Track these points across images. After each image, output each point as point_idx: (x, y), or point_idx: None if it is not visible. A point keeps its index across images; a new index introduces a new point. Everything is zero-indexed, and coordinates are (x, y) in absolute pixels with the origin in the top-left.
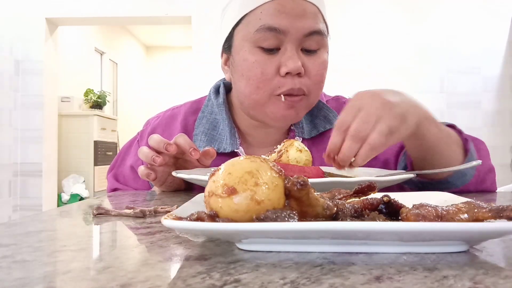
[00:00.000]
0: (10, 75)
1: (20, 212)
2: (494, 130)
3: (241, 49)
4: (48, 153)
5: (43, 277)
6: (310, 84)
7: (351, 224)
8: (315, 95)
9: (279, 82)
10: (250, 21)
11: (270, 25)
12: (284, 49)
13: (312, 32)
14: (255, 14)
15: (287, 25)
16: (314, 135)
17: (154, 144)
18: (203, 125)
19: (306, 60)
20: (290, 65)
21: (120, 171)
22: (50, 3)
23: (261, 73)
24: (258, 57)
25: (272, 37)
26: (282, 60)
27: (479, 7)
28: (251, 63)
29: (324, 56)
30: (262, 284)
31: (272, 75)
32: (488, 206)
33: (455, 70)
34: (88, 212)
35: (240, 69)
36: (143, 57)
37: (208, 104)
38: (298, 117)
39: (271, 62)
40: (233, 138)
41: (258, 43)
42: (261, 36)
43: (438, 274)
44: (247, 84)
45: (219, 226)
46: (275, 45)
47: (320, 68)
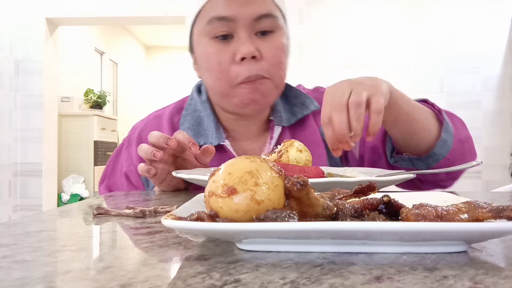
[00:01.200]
0: (10, 75)
1: (20, 212)
2: (494, 130)
3: (199, 44)
4: (48, 153)
5: (43, 277)
6: (268, 67)
7: (351, 224)
8: (278, 77)
9: (236, 71)
10: (203, 16)
11: (219, 15)
12: (237, 36)
13: (260, 15)
14: (206, 9)
15: (235, 12)
16: (293, 122)
17: (154, 140)
18: (188, 122)
19: (260, 44)
20: (243, 50)
21: (112, 182)
22: (50, 3)
23: (218, 63)
24: (214, 48)
25: (223, 26)
26: (236, 47)
27: (479, 7)
28: (208, 55)
29: (279, 38)
30: (262, 284)
31: (229, 64)
32: (488, 206)
33: (455, 70)
34: (88, 212)
35: (202, 64)
36: (143, 57)
37: (191, 102)
38: (267, 100)
39: (227, 50)
40: (219, 133)
41: (212, 34)
42: (213, 27)
43: (438, 274)
44: (210, 77)
45: (219, 226)
46: (227, 33)
47: (276, 50)
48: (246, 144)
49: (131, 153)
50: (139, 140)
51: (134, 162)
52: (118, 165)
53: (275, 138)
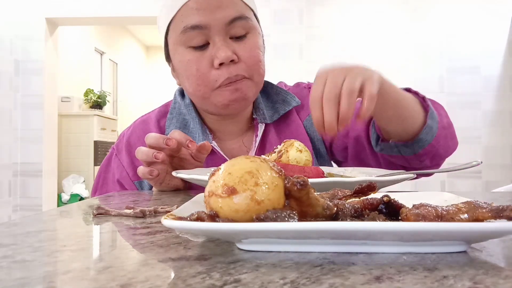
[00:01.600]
0: (10, 75)
1: (20, 212)
2: (494, 130)
3: (175, 53)
4: (48, 153)
5: (43, 277)
6: (247, 68)
7: (351, 224)
8: (258, 75)
9: (216, 75)
10: (175, 26)
11: (192, 24)
12: (213, 42)
13: (233, 19)
14: (177, 18)
15: (208, 19)
16: (276, 119)
17: (153, 141)
18: (174, 124)
19: (236, 47)
20: (221, 55)
21: (105, 191)
22: (50, 3)
23: (197, 70)
24: (191, 56)
25: (197, 35)
26: (213, 53)
27: (479, 7)
28: (186, 63)
29: (255, 38)
30: (262, 284)
31: (207, 70)
32: (488, 206)
33: (455, 70)
34: (88, 212)
35: (180, 72)
36: (143, 57)
37: (175, 106)
38: (248, 98)
39: (204, 57)
40: (205, 134)
41: (187, 43)
42: (187, 36)
43: (438, 274)
44: (189, 83)
45: (219, 226)
46: (203, 41)
47: (253, 49)
48: (232, 143)
49: (121, 160)
50: (128, 146)
51: (126, 168)
52: (109, 174)
53: (259, 135)
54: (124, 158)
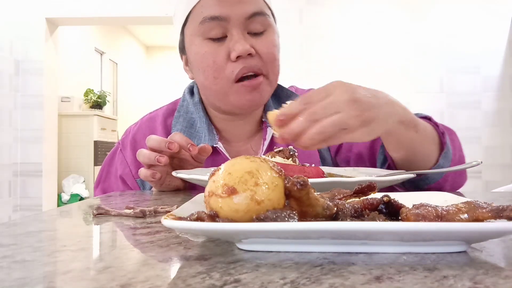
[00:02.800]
0: (10, 75)
1: (20, 212)
2: (494, 130)
3: (191, 45)
4: (48, 153)
5: (43, 277)
6: (263, 64)
7: (351, 224)
8: (273, 74)
9: (232, 67)
10: (194, 16)
11: (212, 15)
12: (231, 35)
13: (253, 14)
14: (197, 9)
15: (228, 12)
16: None
17: (155, 145)
18: (180, 124)
19: (254, 42)
20: (238, 48)
21: (107, 185)
22: (50, 3)
23: (213, 62)
24: (208, 48)
25: (216, 26)
26: (230, 46)
27: (479, 7)
28: (203, 55)
29: (272, 36)
30: (262, 284)
31: (224, 62)
32: (488, 206)
33: (455, 70)
34: (88, 212)
35: (195, 64)
36: (143, 57)
37: (183, 104)
38: (263, 98)
39: (221, 49)
40: (211, 134)
41: (205, 35)
42: (206, 27)
43: (438, 274)
44: (205, 76)
45: (219, 226)
46: (221, 33)
47: (270, 47)
48: (239, 145)
49: (125, 156)
50: (133, 143)
51: (129, 165)
52: (112, 168)
53: (267, 139)
54: (128, 154)
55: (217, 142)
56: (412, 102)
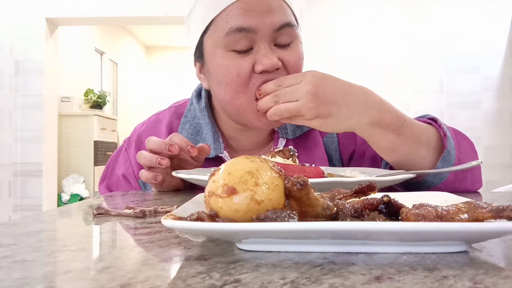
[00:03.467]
0: (10, 75)
1: (20, 212)
2: (494, 130)
3: (213, 56)
4: (48, 153)
5: (43, 277)
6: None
7: (351, 224)
8: None
9: (255, 79)
10: (218, 25)
11: (239, 26)
12: (257, 47)
13: (282, 25)
14: (222, 18)
15: (256, 23)
16: (298, 135)
17: (155, 147)
18: (186, 131)
19: (281, 54)
20: (265, 62)
21: (111, 181)
22: (50, 3)
23: (237, 75)
24: (232, 61)
25: (243, 38)
26: (257, 58)
27: (479, 7)
28: (226, 68)
29: (299, 47)
30: (262, 284)
31: (248, 75)
32: (488, 206)
33: (455, 70)
34: (88, 212)
35: (216, 76)
36: (143, 57)
37: (190, 108)
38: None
39: (245, 62)
40: (217, 143)
41: (230, 47)
42: (232, 39)
43: (438, 274)
44: (226, 91)
45: (219, 226)
46: (248, 46)
47: (297, 59)
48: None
49: (129, 155)
50: (139, 143)
51: (132, 165)
52: (117, 165)
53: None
54: (132, 153)
55: (223, 151)
56: (412, 102)
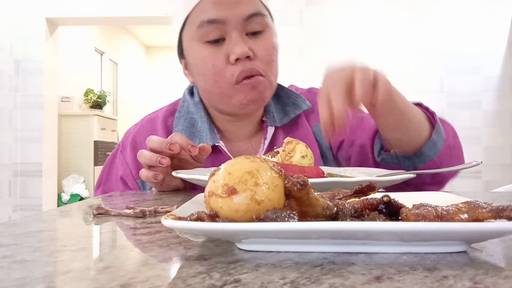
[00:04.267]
0: (10, 75)
1: (20, 212)
2: (494, 130)
3: (191, 49)
4: (48, 153)
5: (43, 277)
6: (262, 66)
7: (351, 224)
8: (272, 75)
9: (232, 70)
10: (192, 21)
11: (210, 18)
12: (229, 37)
13: (250, 15)
14: (195, 13)
15: (225, 14)
16: (286, 122)
17: (156, 146)
18: (182, 123)
19: (252, 44)
20: (237, 51)
21: (108, 186)
22: (50, 3)
23: (213, 65)
24: (207, 52)
25: (214, 29)
26: (229, 48)
27: (479, 7)
28: (202, 59)
29: (270, 37)
30: (262, 284)
31: (224, 65)
32: (488, 206)
33: (455, 70)
34: (88, 212)
35: (195, 68)
36: (143, 57)
37: (183, 105)
38: (264, 98)
39: (220, 53)
40: (213, 133)
41: (204, 38)
42: (204, 30)
43: (438, 274)
44: (206, 80)
45: (219, 226)
46: (220, 36)
47: (268, 48)
48: (240, 145)
49: (126, 157)
50: (134, 144)
51: (130, 166)
52: (113, 170)
53: (268, 138)
54: (128, 155)
55: (219, 141)
56: None
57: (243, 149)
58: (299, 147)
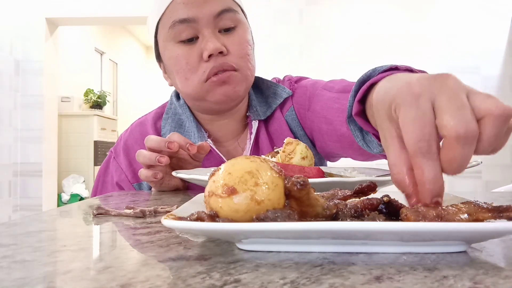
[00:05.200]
0: (10, 75)
1: (20, 212)
2: None
3: (165, 50)
4: (48, 153)
5: (43, 277)
6: (235, 60)
7: (351, 224)
8: (246, 69)
9: (204, 67)
10: (164, 22)
11: (181, 18)
12: (202, 35)
13: (221, 11)
14: (166, 15)
15: (196, 13)
16: (269, 114)
17: (154, 145)
18: (170, 124)
19: (225, 40)
20: (209, 47)
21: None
22: (50, 3)
23: (186, 63)
24: (180, 51)
25: (186, 28)
26: (202, 45)
27: (479, 7)
28: (176, 58)
29: (243, 32)
30: (262, 284)
31: (197, 63)
32: (488, 206)
33: (455, 70)
34: (88, 212)
35: (170, 68)
36: (143, 57)
37: (171, 107)
38: (237, 91)
39: (193, 51)
40: (200, 132)
41: (177, 38)
42: (177, 30)
43: (438, 274)
44: (179, 79)
45: (219, 226)
46: (192, 34)
47: (242, 42)
48: (227, 144)
49: (119, 163)
50: (126, 149)
51: (124, 171)
52: (107, 177)
53: (253, 133)
54: (122, 161)
55: (207, 139)
56: None
57: (231, 148)
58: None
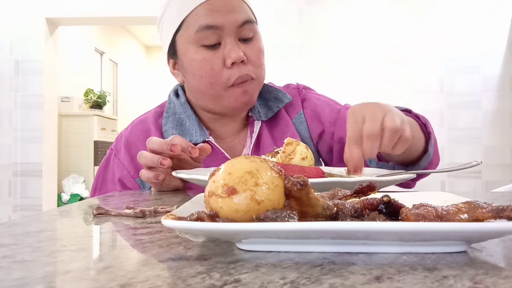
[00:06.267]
0: (10, 75)
1: (20, 212)
2: (494, 130)
3: (186, 52)
4: (48, 153)
5: (43, 277)
6: (253, 69)
7: (351, 224)
8: (261, 77)
9: (228, 74)
10: (189, 24)
11: (208, 24)
12: (224, 42)
13: (244, 22)
14: (192, 18)
15: (222, 21)
16: (270, 116)
17: (157, 147)
18: (171, 122)
19: (245, 48)
20: (233, 55)
21: (104, 191)
22: (50, 3)
23: (210, 69)
24: (204, 55)
25: (211, 34)
26: (226, 53)
27: (479, 7)
28: (199, 62)
29: (259, 42)
30: (262, 284)
31: (220, 68)
32: (488, 206)
33: (455, 70)
34: (88, 212)
35: (190, 70)
36: (143, 57)
37: (170, 106)
38: (253, 100)
39: (216, 57)
40: (202, 130)
41: (201, 42)
42: (202, 35)
43: (438, 274)
44: (201, 82)
45: (219, 226)
46: (216, 41)
47: (258, 53)
48: (228, 141)
49: (121, 160)
50: (127, 145)
51: (126, 167)
52: (108, 175)
53: (256, 132)
54: (123, 157)
55: (209, 137)
56: (412, 102)
57: (231, 144)
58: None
